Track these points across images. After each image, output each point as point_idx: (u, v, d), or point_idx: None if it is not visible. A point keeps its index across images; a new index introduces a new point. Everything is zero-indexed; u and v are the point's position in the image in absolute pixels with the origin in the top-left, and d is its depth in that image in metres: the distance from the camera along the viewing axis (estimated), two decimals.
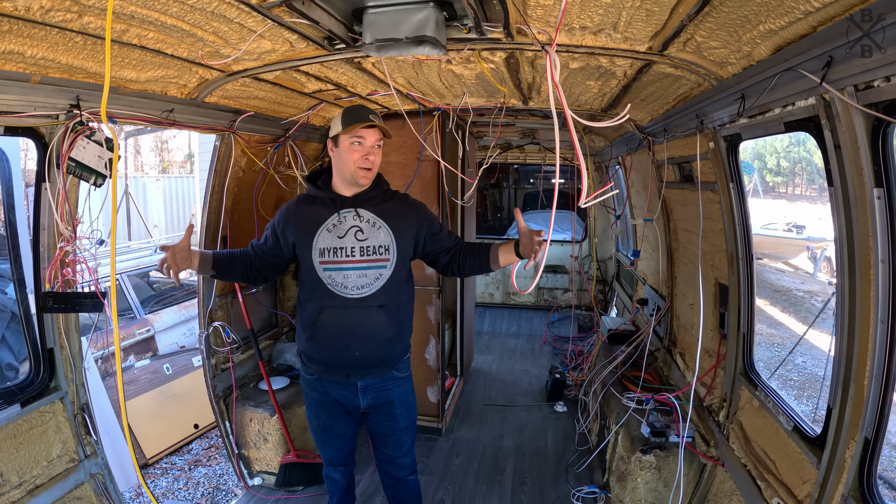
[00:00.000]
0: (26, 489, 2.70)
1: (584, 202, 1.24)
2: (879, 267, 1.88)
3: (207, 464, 5.73)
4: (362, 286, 2.81)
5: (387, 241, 2.85)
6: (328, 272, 2.80)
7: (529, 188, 15.43)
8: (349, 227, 2.82)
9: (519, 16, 2.11)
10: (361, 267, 2.81)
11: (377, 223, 2.85)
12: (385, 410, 3.03)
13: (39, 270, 2.77)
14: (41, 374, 2.87)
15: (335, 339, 2.83)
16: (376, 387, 2.97)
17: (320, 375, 2.96)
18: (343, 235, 2.81)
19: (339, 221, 2.82)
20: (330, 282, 2.79)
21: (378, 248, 2.84)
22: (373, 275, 2.82)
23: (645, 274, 5.82)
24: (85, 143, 2.58)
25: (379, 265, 2.84)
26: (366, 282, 2.81)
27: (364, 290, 2.81)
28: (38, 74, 2.28)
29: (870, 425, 2.00)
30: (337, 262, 2.79)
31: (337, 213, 2.83)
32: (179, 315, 8.03)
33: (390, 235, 2.86)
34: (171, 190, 19.77)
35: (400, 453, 3.14)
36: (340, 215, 2.83)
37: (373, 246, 2.83)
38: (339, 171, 2.82)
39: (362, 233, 2.83)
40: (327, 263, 2.80)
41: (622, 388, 4.28)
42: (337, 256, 2.79)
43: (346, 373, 2.92)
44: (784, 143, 39.64)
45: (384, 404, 3.02)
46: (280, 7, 1.99)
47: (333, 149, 2.80)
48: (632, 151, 5.17)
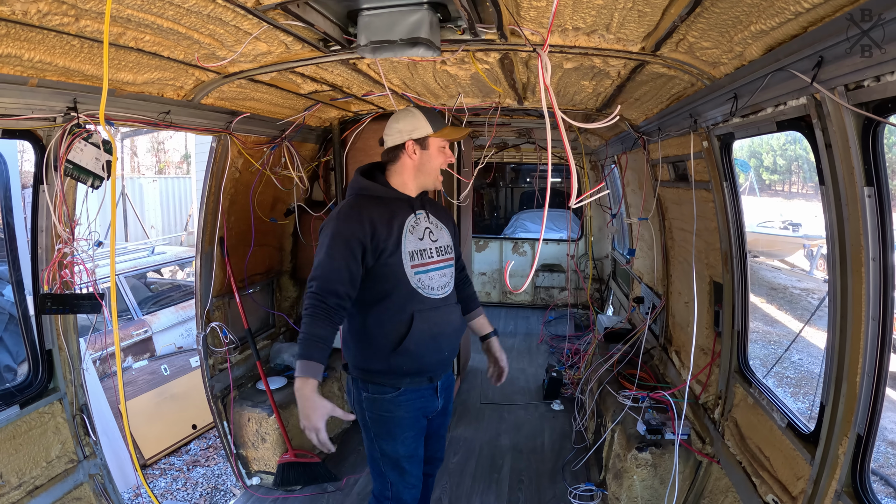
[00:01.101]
0: (26, 490, 2.70)
1: (575, 202, 1.25)
2: (871, 265, 1.90)
3: (206, 464, 5.74)
4: (444, 285, 2.78)
5: (449, 240, 2.89)
6: (419, 275, 2.68)
7: (526, 187, 15.47)
8: (424, 228, 2.76)
9: (512, 17, 2.12)
10: (441, 266, 2.79)
11: (439, 224, 2.85)
12: (445, 409, 2.99)
13: (37, 272, 2.77)
14: (40, 376, 2.87)
15: (429, 344, 2.70)
16: (446, 384, 2.94)
17: (405, 388, 2.73)
18: (422, 237, 2.74)
19: (416, 222, 2.74)
20: (419, 285, 2.67)
21: (447, 247, 2.86)
22: (449, 273, 2.83)
23: (640, 272, 5.83)
24: (82, 145, 2.58)
25: (449, 264, 2.84)
26: (445, 281, 2.80)
27: (446, 290, 2.79)
28: (35, 77, 2.28)
29: (862, 422, 2.02)
30: (424, 265, 2.71)
31: (413, 213, 2.74)
32: (177, 316, 8.03)
33: (449, 235, 2.89)
34: (167, 191, 19.71)
35: (439, 447, 3.14)
36: (417, 215, 2.76)
37: (443, 246, 2.83)
38: (422, 173, 2.73)
39: (433, 233, 2.79)
40: (418, 266, 2.69)
41: (618, 386, 4.30)
42: (423, 258, 2.71)
43: (429, 375, 2.80)
44: (780, 141, 39.68)
45: (448, 402, 3.01)
46: (275, 10, 2.00)
47: (417, 150, 2.68)
48: (627, 150, 5.19)
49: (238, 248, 4.40)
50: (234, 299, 4.38)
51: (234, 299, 4.38)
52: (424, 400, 2.80)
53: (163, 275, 10.48)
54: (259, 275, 4.84)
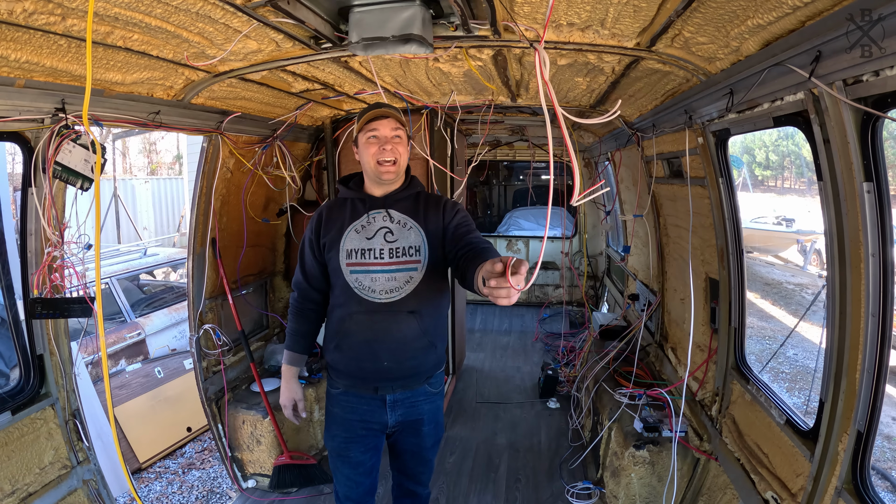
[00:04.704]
0: (19, 497, 2.67)
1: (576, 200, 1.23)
2: (870, 261, 1.89)
3: (201, 467, 5.71)
4: (391, 290, 2.61)
5: (417, 241, 2.66)
6: (355, 275, 2.61)
7: (519, 185, 15.48)
8: (378, 228, 2.65)
9: (506, 13, 2.10)
10: (390, 270, 2.61)
11: (408, 223, 2.68)
12: (413, 428, 2.82)
13: (27, 276, 2.74)
14: (31, 381, 2.84)
15: (362, 348, 2.64)
16: (406, 402, 2.76)
17: (346, 389, 2.75)
18: (372, 237, 2.64)
19: (367, 222, 2.66)
20: (357, 285, 2.61)
21: (408, 248, 2.64)
22: (402, 278, 2.62)
23: (635, 269, 5.83)
24: (71, 146, 2.55)
25: (409, 267, 2.63)
26: (395, 285, 2.61)
27: (393, 295, 2.61)
28: (22, 78, 2.25)
29: (862, 418, 2.01)
30: (364, 265, 2.61)
31: (366, 213, 2.68)
32: (170, 318, 7.98)
33: (421, 236, 2.67)
34: (159, 192, 19.66)
35: (422, 469, 2.99)
36: (370, 216, 2.67)
37: (402, 247, 2.64)
38: (364, 171, 2.71)
39: (392, 234, 2.65)
40: (354, 266, 2.62)
41: (614, 383, 4.29)
42: (364, 258, 2.61)
43: (374, 386, 2.70)
44: (773, 137, 39.90)
45: (413, 422, 2.80)
46: (265, 7, 1.97)
47: (355, 148, 2.69)
48: (621, 147, 5.18)
49: (230, 249, 4.37)
50: (227, 301, 4.35)
51: (227, 301, 4.35)
52: (368, 409, 2.75)
53: (156, 276, 10.42)
54: (252, 276, 4.81)
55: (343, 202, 2.76)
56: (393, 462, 3.01)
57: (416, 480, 3.01)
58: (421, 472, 2.99)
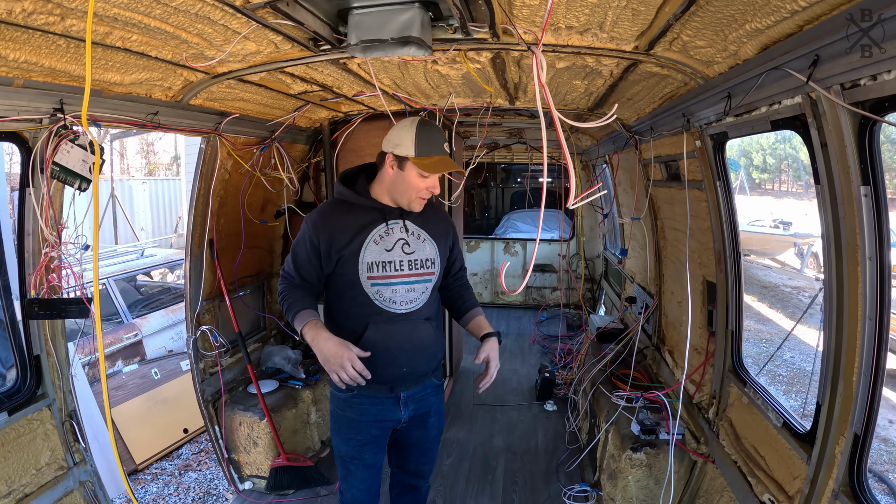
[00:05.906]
0: (15, 498, 2.66)
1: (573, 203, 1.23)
2: (867, 264, 1.89)
3: (198, 468, 5.70)
4: (411, 300, 2.66)
5: (432, 254, 2.74)
6: (376, 287, 2.61)
7: (517, 187, 15.50)
8: (397, 240, 2.65)
9: (505, 16, 2.10)
10: (409, 281, 2.66)
11: (422, 235, 2.72)
12: (421, 421, 2.89)
13: (25, 277, 2.74)
14: (28, 382, 2.83)
15: (382, 356, 2.61)
16: (417, 397, 2.82)
17: (359, 391, 2.71)
18: (391, 248, 2.63)
19: (386, 233, 2.64)
20: (378, 297, 2.61)
21: (425, 261, 2.70)
22: (420, 288, 2.69)
23: (633, 272, 5.83)
24: (69, 147, 2.54)
25: (425, 279, 2.71)
26: (414, 296, 2.67)
27: (413, 304, 2.67)
28: (20, 78, 2.25)
29: (859, 421, 2.01)
30: (385, 277, 2.61)
31: (385, 223, 2.65)
32: (167, 319, 7.98)
33: (435, 248, 2.75)
34: (157, 192, 19.65)
35: (425, 461, 3.05)
36: (389, 226, 2.65)
37: (420, 259, 2.69)
38: (394, 192, 2.62)
39: (409, 245, 2.67)
40: (376, 279, 2.60)
41: (611, 386, 4.29)
42: (386, 271, 2.61)
43: (389, 386, 2.73)
44: (770, 140, 39.98)
45: (422, 415, 2.87)
46: (264, 8, 1.97)
47: (394, 166, 2.57)
48: (619, 150, 5.19)
49: (228, 250, 4.37)
50: (225, 302, 4.34)
51: (225, 302, 4.34)
52: (382, 409, 2.76)
53: (153, 277, 10.42)
54: (249, 277, 4.81)
55: (348, 206, 2.69)
56: (395, 459, 3.06)
57: (419, 474, 3.06)
58: (425, 464, 3.05)
